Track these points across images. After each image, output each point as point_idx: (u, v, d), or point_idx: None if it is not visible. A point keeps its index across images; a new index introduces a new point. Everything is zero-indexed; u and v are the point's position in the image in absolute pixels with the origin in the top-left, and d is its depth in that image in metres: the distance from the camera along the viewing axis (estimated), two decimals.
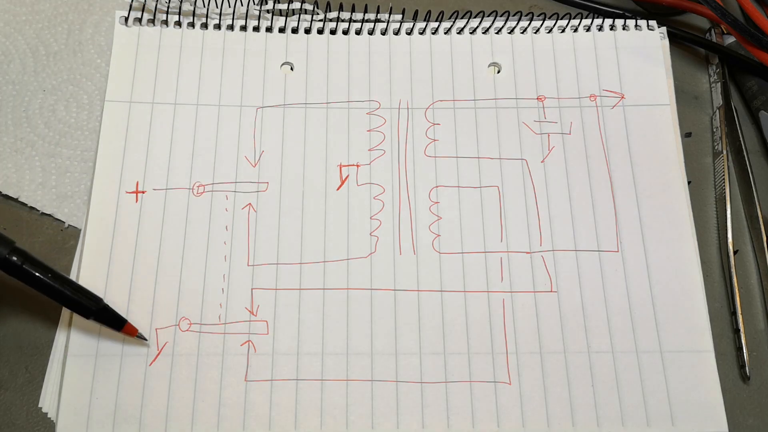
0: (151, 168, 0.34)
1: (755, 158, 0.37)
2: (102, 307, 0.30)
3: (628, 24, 0.38)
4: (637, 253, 0.33)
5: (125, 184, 0.33)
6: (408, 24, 0.38)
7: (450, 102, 0.36)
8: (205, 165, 0.34)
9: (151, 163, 0.34)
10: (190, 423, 0.29)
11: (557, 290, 0.32)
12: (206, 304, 0.31)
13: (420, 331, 0.31)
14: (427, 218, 0.34)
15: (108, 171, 0.33)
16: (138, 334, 0.30)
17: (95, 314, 0.30)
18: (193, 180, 0.34)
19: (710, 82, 0.39)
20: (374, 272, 0.32)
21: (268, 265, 0.32)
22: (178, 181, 0.34)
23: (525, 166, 0.35)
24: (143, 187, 0.33)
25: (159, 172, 0.34)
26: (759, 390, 0.32)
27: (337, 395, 0.30)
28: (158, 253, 0.32)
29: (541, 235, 0.33)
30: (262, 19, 0.37)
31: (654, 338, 0.31)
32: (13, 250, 0.28)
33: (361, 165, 0.35)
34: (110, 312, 0.30)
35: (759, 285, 0.34)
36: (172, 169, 0.34)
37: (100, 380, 0.30)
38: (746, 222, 0.36)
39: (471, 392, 0.30)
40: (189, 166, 0.34)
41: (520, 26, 0.38)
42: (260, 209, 0.33)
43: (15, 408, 0.30)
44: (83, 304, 0.29)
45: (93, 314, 0.30)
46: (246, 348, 0.31)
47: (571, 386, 0.30)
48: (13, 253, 0.28)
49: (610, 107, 0.36)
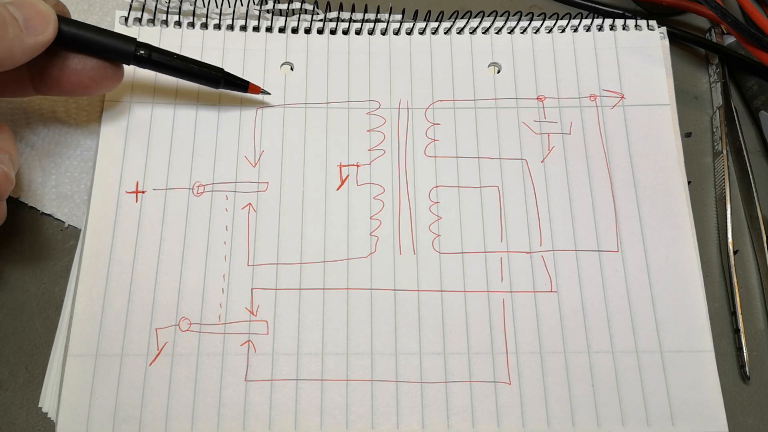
0: (151, 168, 0.34)
1: (755, 158, 0.37)
2: (225, 74, 0.33)
3: (628, 24, 0.38)
4: (637, 253, 0.33)
5: (125, 184, 0.33)
6: (408, 24, 0.38)
7: (450, 102, 0.36)
8: (205, 165, 0.34)
9: (151, 163, 0.34)
10: (190, 423, 0.29)
11: (557, 290, 0.32)
12: (206, 304, 0.31)
13: (420, 331, 0.31)
14: (427, 218, 0.34)
15: (108, 171, 0.33)
16: (262, 90, 0.34)
17: (222, 82, 0.33)
18: (193, 180, 0.34)
19: (710, 82, 0.39)
20: (374, 272, 0.32)
21: (268, 265, 0.32)
22: (178, 181, 0.34)
23: (525, 166, 0.35)
24: (143, 187, 0.33)
25: (159, 172, 0.34)
26: (759, 390, 0.32)
27: (337, 395, 0.30)
28: (158, 253, 0.32)
29: (541, 235, 0.33)
30: (262, 19, 0.37)
31: (654, 338, 0.31)
32: (138, 44, 0.31)
33: (361, 165, 0.35)
34: (233, 77, 0.33)
35: (759, 285, 0.34)
36: (172, 169, 0.34)
37: (100, 380, 0.30)
38: (746, 222, 0.36)
39: (471, 392, 0.30)
40: (189, 166, 0.34)
41: (520, 26, 0.38)
42: (260, 209, 0.33)
43: (15, 408, 0.30)
44: (210, 75, 0.33)
45: (220, 82, 0.33)
46: (246, 348, 0.31)
47: (571, 386, 0.30)
48: (139, 48, 0.31)
49: (610, 107, 0.36)
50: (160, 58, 0.32)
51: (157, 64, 0.32)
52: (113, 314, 0.31)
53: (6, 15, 0.26)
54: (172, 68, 0.32)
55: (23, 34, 0.27)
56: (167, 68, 0.32)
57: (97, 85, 0.31)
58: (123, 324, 0.31)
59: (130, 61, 0.31)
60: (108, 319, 0.31)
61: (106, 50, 0.30)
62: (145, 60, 0.31)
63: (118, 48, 0.30)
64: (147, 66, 0.32)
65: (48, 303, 0.32)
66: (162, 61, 0.32)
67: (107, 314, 0.31)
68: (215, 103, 0.35)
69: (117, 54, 0.31)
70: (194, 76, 0.33)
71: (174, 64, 0.32)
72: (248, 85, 0.34)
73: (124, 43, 0.31)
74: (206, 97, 0.35)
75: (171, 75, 0.33)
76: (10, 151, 0.29)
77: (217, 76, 0.33)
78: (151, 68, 0.32)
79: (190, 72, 0.33)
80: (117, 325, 0.31)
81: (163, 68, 0.32)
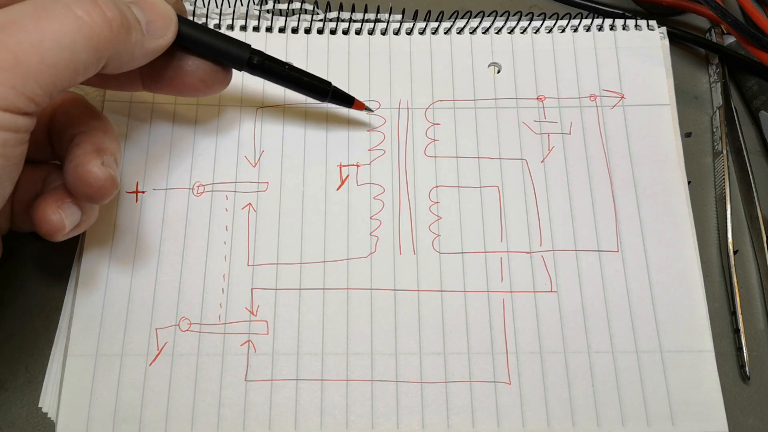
0: (151, 168, 0.34)
1: (755, 158, 0.37)
2: (333, 89, 0.33)
3: (628, 24, 0.38)
4: (637, 253, 0.33)
5: (125, 184, 0.33)
6: (408, 24, 0.38)
7: (450, 102, 0.36)
8: (205, 165, 0.34)
9: (151, 163, 0.34)
10: (190, 423, 0.29)
11: (557, 290, 0.32)
12: (206, 304, 0.31)
13: (420, 331, 0.31)
14: (427, 218, 0.34)
15: None
16: (366, 107, 0.34)
17: (330, 95, 0.33)
18: (193, 180, 0.34)
19: (710, 82, 0.39)
20: (374, 272, 0.32)
21: (268, 265, 0.32)
22: (178, 181, 0.34)
23: (525, 166, 0.35)
24: (143, 187, 0.33)
25: (159, 172, 0.34)
26: (759, 390, 0.32)
27: (337, 395, 0.30)
28: (158, 253, 0.32)
29: (541, 235, 0.33)
30: (262, 19, 0.37)
31: (654, 338, 0.31)
32: (253, 51, 0.31)
33: (361, 165, 0.35)
34: (340, 92, 0.33)
35: (759, 285, 0.34)
36: (172, 169, 0.34)
37: (100, 380, 0.30)
38: (746, 222, 0.36)
39: (471, 392, 0.30)
40: (189, 166, 0.34)
41: (520, 26, 0.38)
42: (260, 209, 0.33)
43: (15, 408, 0.30)
44: (318, 88, 0.32)
45: (327, 95, 0.33)
46: (246, 348, 0.31)
47: (571, 386, 0.30)
48: (253, 55, 0.31)
49: (610, 107, 0.36)
50: (272, 67, 0.31)
51: (268, 71, 0.31)
52: (113, 314, 0.31)
53: (131, 19, 0.25)
54: (283, 77, 0.32)
55: (145, 38, 0.26)
56: (277, 77, 0.32)
57: (207, 88, 0.30)
58: (123, 324, 0.31)
59: (243, 67, 0.31)
60: (108, 319, 0.31)
61: (221, 54, 0.30)
62: (257, 67, 0.31)
63: (232, 54, 0.30)
64: (257, 73, 0.31)
65: (48, 303, 0.32)
66: (273, 69, 0.31)
67: (107, 314, 0.31)
68: (215, 103, 0.35)
69: (231, 59, 0.30)
70: (303, 87, 0.32)
71: (285, 74, 0.32)
72: (354, 100, 0.34)
73: (239, 48, 0.30)
74: (206, 97, 0.35)
75: (280, 84, 0.32)
76: (115, 153, 0.28)
77: (325, 90, 0.33)
78: (261, 75, 0.31)
79: (299, 83, 0.32)
80: (117, 325, 0.31)
81: (273, 77, 0.32)
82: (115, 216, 0.33)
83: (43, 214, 0.27)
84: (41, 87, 0.23)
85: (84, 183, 0.26)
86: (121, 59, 0.26)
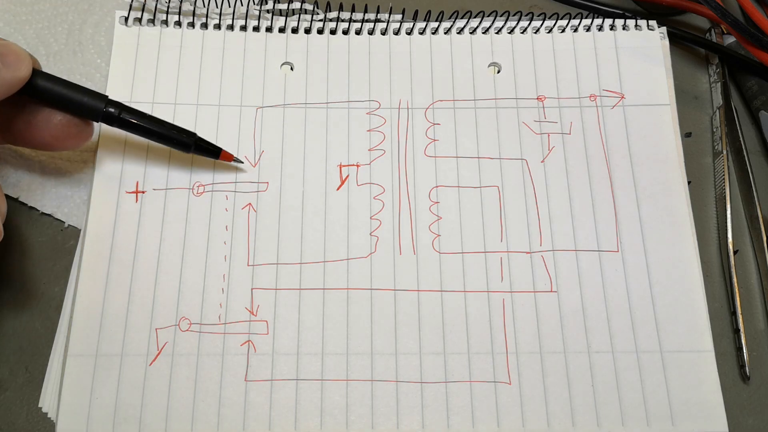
0: (151, 168, 0.34)
1: (755, 158, 0.37)
2: (197, 139, 0.32)
3: (628, 24, 0.38)
4: (637, 253, 0.33)
5: (125, 184, 0.33)
6: (408, 24, 0.38)
7: (450, 102, 0.36)
8: (205, 165, 0.34)
9: (151, 163, 0.34)
10: (190, 423, 0.29)
11: (557, 290, 0.32)
12: (206, 304, 0.31)
13: (420, 331, 0.31)
14: (427, 218, 0.34)
15: (108, 171, 0.33)
16: (234, 158, 0.33)
17: (193, 147, 0.32)
18: (193, 180, 0.34)
19: (710, 82, 0.39)
20: (374, 272, 0.32)
21: (268, 265, 0.32)
22: (178, 181, 0.34)
23: (525, 166, 0.35)
24: (143, 187, 0.33)
25: (159, 172, 0.34)
26: (759, 390, 0.32)
27: (337, 395, 0.30)
28: (158, 253, 0.32)
29: (541, 235, 0.33)
30: (262, 19, 0.37)
31: (654, 338, 0.31)
32: (108, 102, 0.30)
33: (361, 165, 0.35)
34: (205, 143, 0.32)
35: (759, 285, 0.34)
36: (171, 168, 0.34)
37: (100, 380, 0.30)
38: (746, 222, 0.36)
39: (471, 392, 0.30)
40: (189, 166, 0.34)
41: (520, 26, 0.38)
42: (260, 209, 0.33)
43: (15, 408, 0.30)
44: (181, 140, 0.32)
45: (191, 147, 0.32)
46: (246, 348, 0.31)
47: (571, 386, 0.30)
48: (109, 105, 0.30)
49: (610, 107, 0.36)
50: (130, 119, 0.31)
51: (126, 123, 0.31)
52: (113, 314, 0.31)
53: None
54: (142, 130, 0.31)
55: (2, 69, 0.27)
56: (136, 129, 0.31)
57: (60, 143, 0.30)
58: (123, 324, 0.31)
59: (98, 118, 0.30)
60: (108, 319, 0.31)
61: (73, 105, 0.29)
62: (114, 119, 0.30)
63: (86, 104, 0.30)
64: (116, 125, 0.31)
65: (48, 303, 0.32)
66: (132, 120, 0.31)
67: (107, 314, 0.31)
68: (215, 103, 0.35)
69: (85, 110, 0.30)
70: (164, 139, 0.32)
71: (144, 125, 0.31)
72: (220, 151, 0.32)
73: (94, 99, 0.30)
74: (206, 97, 0.35)
75: (141, 136, 0.32)
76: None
77: (187, 142, 0.32)
78: (120, 127, 0.31)
79: (160, 135, 0.31)
80: (117, 325, 0.31)
81: (132, 129, 0.31)
82: (115, 216, 0.33)
83: None
84: None
85: None
86: None
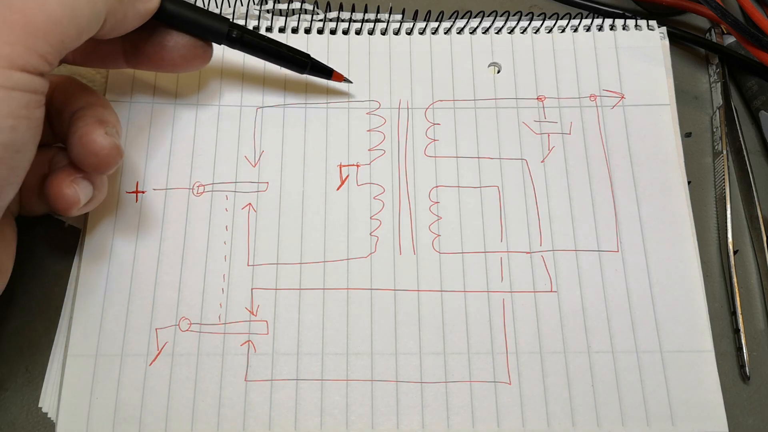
0: (151, 168, 0.34)
1: (755, 158, 0.37)
2: (312, 61, 0.34)
3: (628, 24, 0.38)
4: (637, 253, 0.33)
5: (125, 184, 0.33)
6: (408, 24, 0.38)
7: (450, 102, 0.36)
8: (205, 165, 0.34)
9: (151, 163, 0.34)
10: (190, 423, 0.29)
11: (557, 290, 0.32)
12: (206, 304, 0.31)
13: (420, 331, 0.31)
14: (427, 218, 0.34)
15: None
16: (345, 78, 0.35)
17: (309, 66, 0.34)
18: (193, 180, 0.34)
19: (710, 82, 0.39)
20: (374, 272, 0.32)
21: (268, 265, 0.32)
22: (178, 181, 0.34)
23: (525, 166, 0.35)
24: (143, 187, 0.33)
25: (159, 172, 0.34)
26: (759, 390, 0.32)
27: (337, 395, 0.30)
28: (158, 253, 0.32)
29: (541, 235, 0.33)
30: (262, 19, 0.37)
31: (654, 338, 0.31)
32: (231, 25, 0.31)
33: (361, 165, 0.35)
34: (319, 64, 0.34)
35: (759, 285, 0.34)
36: (172, 169, 0.34)
37: (100, 380, 0.30)
38: (746, 222, 0.36)
39: (471, 392, 0.30)
40: (189, 166, 0.34)
41: (520, 26, 0.38)
42: (260, 209, 0.33)
43: (15, 408, 0.30)
44: (297, 60, 0.33)
45: (307, 66, 0.34)
46: (246, 348, 0.31)
47: (571, 386, 0.30)
48: (232, 28, 0.31)
49: (610, 107, 0.36)
50: (251, 40, 0.32)
51: (247, 44, 0.32)
52: (113, 314, 0.31)
53: None
54: (262, 50, 0.33)
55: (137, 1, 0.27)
56: (257, 50, 0.33)
57: (187, 63, 0.31)
58: (123, 324, 0.31)
59: (222, 40, 0.31)
60: (108, 319, 0.31)
61: (200, 28, 0.31)
62: (236, 41, 0.32)
63: (212, 27, 0.31)
64: (237, 47, 0.32)
65: (48, 303, 0.32)
66: (252, 42, 0.32)
67: (107, 314, 0.31)
68: (215, 102, 0.35)
69: (210, 33, 0.31)
70: (282, 59, 0.33)
71: (263, 47, 0.32)
72: (332, 72, 0.34)
73: (218, 22, 0.31)
74: (206, 97, 0.35)
75: (259, 57, 0.33)
76: (116, 125, 0.29)
77: (303, 62, 0.33)
78: (241, 49, 0.32)
79: (278, 55, 0.33)
80: (117, 325, 0.31)
81: (252, 50, 0.32)
82: (115, 216, 0.33)
83: (58, 189, 0.28)
84: (51, 45, 0.24)
85: (90, 153, 0.27)
86: (115, 18, 0.26)
